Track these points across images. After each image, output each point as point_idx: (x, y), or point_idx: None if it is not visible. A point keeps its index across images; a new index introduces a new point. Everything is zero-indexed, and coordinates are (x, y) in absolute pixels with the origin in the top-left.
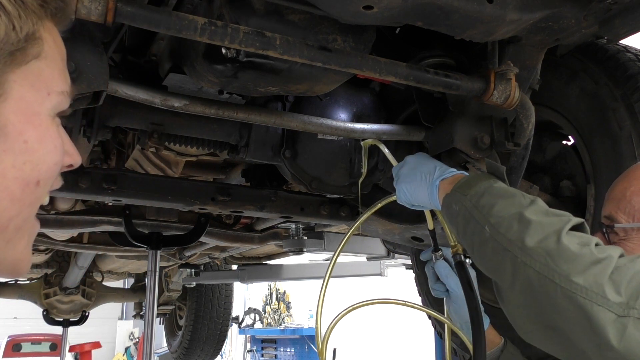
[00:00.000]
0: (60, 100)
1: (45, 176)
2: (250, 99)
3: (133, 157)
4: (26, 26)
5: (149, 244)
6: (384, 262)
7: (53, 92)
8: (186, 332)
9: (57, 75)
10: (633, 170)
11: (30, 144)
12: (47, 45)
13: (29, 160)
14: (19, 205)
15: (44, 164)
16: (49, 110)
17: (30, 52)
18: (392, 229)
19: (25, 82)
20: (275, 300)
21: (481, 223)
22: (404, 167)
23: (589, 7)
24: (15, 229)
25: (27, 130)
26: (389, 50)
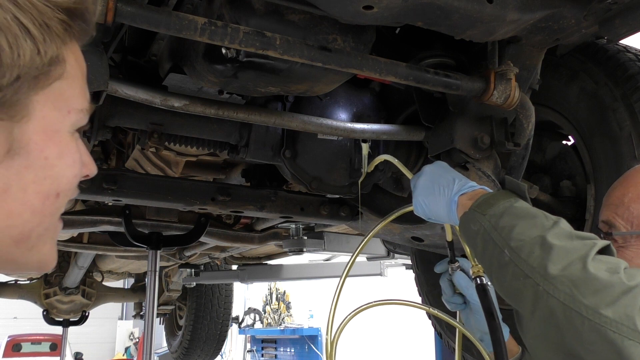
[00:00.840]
0: (80, 117)
1: (64, 188)
2: (250, 99)
3: (133, 157)
4: (50, 50)
5: (149, 244)
6: (384, 262)
7: (73, 110)
8: (186, 332)
9: (78, 93)
10: (631, 176)
11: (51, 160)
12: (69, 65)
13: (49, 175)
14: (39, 216)
15: (63, 177)
16: (68, 127)
17: (53, 75)
18: (392, 229)
19: (47, 102)
20: (275, 300)
21: (500, 246)
22: (421, 178)
23: (589, 7)
24: (37, 237)
25: (48, 147)
26: (389, 50)
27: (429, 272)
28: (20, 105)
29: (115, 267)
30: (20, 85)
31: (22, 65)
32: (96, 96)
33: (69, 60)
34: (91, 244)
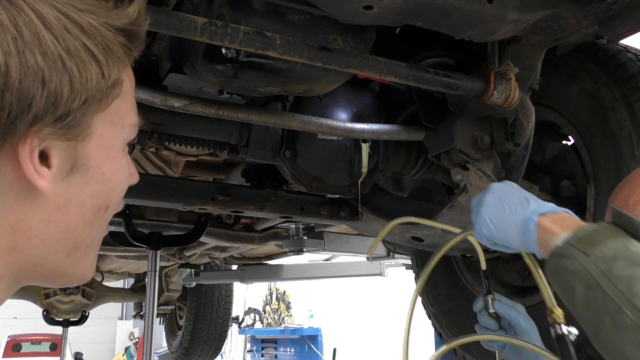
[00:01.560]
0: (132, 131)
1: (114, 202)
2: (250, 99)
3: (133, 157)
4: (113, 73)
5: (149, 244)
6: (384, 262)
7: (126, 126)
8: (186, 332)
9: (130, 108)
10: (635, 177)
11: (107, 175)
12: (126, 85)
13: (104, 189)
14: (90, 228)
15: (115, 192)
16: (122, 143)
17: (113, 95)
18: (392, 228)
19: (106, 120)
20: (275, 300)
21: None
22: (487, 195)
23: (589, 7)
24: (85, 249)
25: (105, 163)
26: (389, 50)
27: None
28: (85, 125)
29: (115, 267)
30: (87, 107)
31: (89, 89)
32: None
33: (126, 81)
34: None
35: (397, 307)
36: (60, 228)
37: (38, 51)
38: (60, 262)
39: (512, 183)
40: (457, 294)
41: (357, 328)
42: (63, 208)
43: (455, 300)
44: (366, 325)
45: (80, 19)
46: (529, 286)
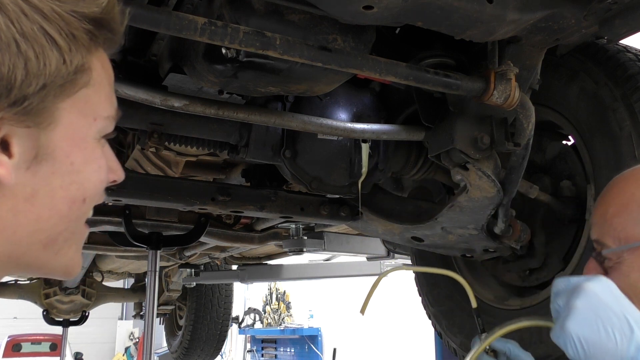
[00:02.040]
0: (107, 124)
1: (91, 193)
2: (250, 99)
3: (133, 157)
4: (76, 59)
5: (149, 244)
6: (384, 262)
7: (99, 117)
8: (186, 332)
9: (104, 100)
10: (610, 189)
11: (77, 166)
12: (95, 73)
13: (75, 180)
14: (66, 221)
15: (89, 183)
16: (95, 134)
17: (79, 82)
18: (392, 229)
19: (73, 109)
20: (275, 300)
21: None
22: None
23: (589, 7)
24: (63, 241)
25: (74, 153)
26: (389, 50)
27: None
28: (47, 112)
29: (115, 267)
30: (47, 93)
31: (48, 74)
32: None
33: (95, 68)
34: (91, 244)
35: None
36: (30, 219)
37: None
38: (36, 255)
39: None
40: (457, 294)
41: (357, 328)
42: (31, 199)
43: (455, 300)
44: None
45: (41, 4)
46: (529, 286)
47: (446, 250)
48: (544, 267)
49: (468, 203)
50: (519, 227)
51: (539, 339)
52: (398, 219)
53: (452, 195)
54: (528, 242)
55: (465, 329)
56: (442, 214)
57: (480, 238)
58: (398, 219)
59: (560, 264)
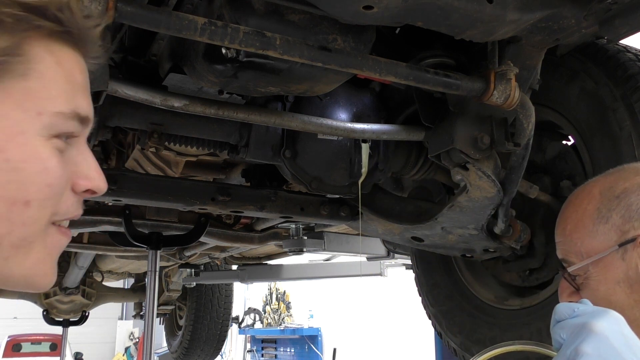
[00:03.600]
0: (59, 121)
1: (36, 197)
2: (250, 99)
3: (133, 157)
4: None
5: (149, 244)
6: (384, 262)
7: (46, 113)
8: (186, 332)
9: (55, 95)
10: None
11: (13, 163)
12: (42, 65)
13: (13, 179)
14: (7, 223)
15: (31, 184)
16: (39, 130)
17: (12, 69)
18: (392, 229)
19: (9, 100)
20: (275, 300)
21: None
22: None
23: (589, 7)
24: (11, 247)
25: (10, 149)
26: (389, 50)
27: (429, 272)
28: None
29: (115, 267)
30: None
31: None
32: (96, 96)
33: (42, 60)
34: (91, 244)
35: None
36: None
37: None
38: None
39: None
40: (457, 294)
41: (357, 328)
42: None
43: (455, 300)
44: (366, 325)
45: None
46: (529, 286)
47: (446, 250)
48: (544, 267)
49: (468, 203)
50: (519, 227)
51: None
52: (398, 219)
53: (452, 195)
54: (528, 242)
55: (466, 329)
56: (442, 214)
57: (480, 238)
58: (398, 219)
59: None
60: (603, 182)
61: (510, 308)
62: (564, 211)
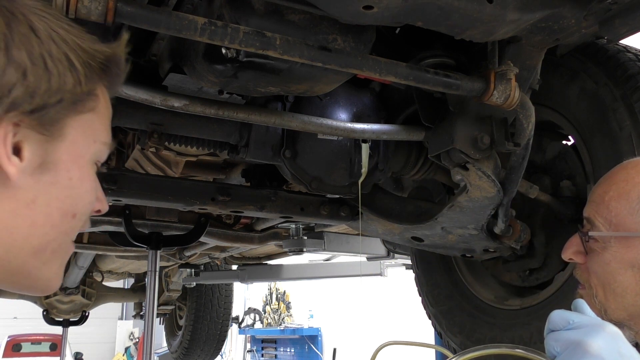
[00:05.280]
0: (102, 149)
1: (81, 211)
2: (250, 99)
3: (133, 157)
4: (89, 85)
5: (149, 244)
6: (384, 262)
7: (98, 141)
8: (186, 332)
9: (104, 128)
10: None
11: (74, 181)
12: (100, 103)
13: (70, 195)
14: (57, 232)
15: (81, 200)
16: (91, 156)
17: (87, 105)
18: (392, 229)
19: (79, 128)
20: (275, 300)
21: None
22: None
23: (589, 7)
24: (51, 252)
25: (73, 169)
26: (389, 50)
27: (429, 272)
28: (58, 125)
29: (115, 267)
30: (61, 107)
31: (65, 90)
32: None
33: (100, 98)
34: (91, 244)
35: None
36: (26, 223)
37: (24, 49)
38: (25, 260)
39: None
40: (457, 294)
41: (357, 328)
42: (31, 204)
43: (455, 300)
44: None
45: (66, 36)
46: (529, 286)
47: (446, 250)
48: (544, 267)
49: (468, 203)
50: (519, 227)
51: None
52: (398, 219)
53: (452, 195)
54: (528, 242)
55: (465, 329)
56: (442, 214)
57: (480, 238)
58: (398, 219)
59: (560, 264)
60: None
61: (510, 308)
62: (614, 175)
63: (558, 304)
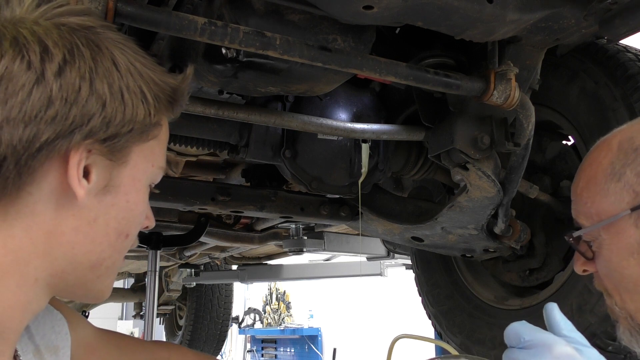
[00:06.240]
0: (158, 173)
1: (133, 232)
2: (250, 99)
3: None
4: (157, 115)
5: (149, 244)
6: (384, 262)
7: (156, 165)
8: (186, 332)
9: (162, 153)
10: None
11: (130, 204)
12: (162, 131)
13: (126, 217)
14: (112, 250)
15: (134, 222)
16: (148, 180)
17: (152, 134)
18: (392, 229)
19: (141, 153)
20: (275, 300)
21: None
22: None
23: (589, 7)
24: (106, 268)
25: (131, 192)
26: (389, 50)
27: (429, 272)
28: (124, 152)
29: None
30: (131, 136)
31: (136, 121)
32: None
33: (163, 127)
34: None
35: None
36: (87, 240)
37: (106, 82)
38: (83, 274)
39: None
40: (457, 294)
41: (357, 328)
42: (93, 222)
43: (455, 300)
44: (366, 325)
45: (142, 69)
46: (528, 286)
47: (446, 250)
48: (544, 267)
49: (468, 203)
50: (519, 227)
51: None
52: (398, 219)
53: (452, 195)
54: (528, 242)
55: (465, 329)
56: (442, 214)
57: (480, 238)
58: (398, 219)
59: (560, 264)
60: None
61: (510, 308)
62: (582, 164)
63: (558, 304)
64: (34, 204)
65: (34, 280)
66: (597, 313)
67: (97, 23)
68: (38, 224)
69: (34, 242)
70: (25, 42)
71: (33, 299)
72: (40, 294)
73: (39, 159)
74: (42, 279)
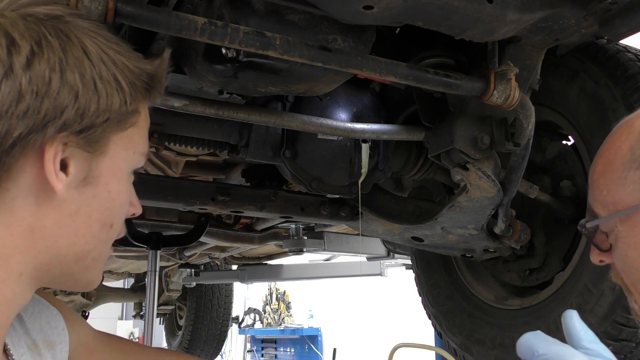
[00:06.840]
0: (139, 159)
1: (117, 221)
2: (250, 99)
3: None
4: (134, 104)
5: (149, 244)
6: (384, 262)
7: (137, 152)
8: (186, 332)
9: (142, 139)
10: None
11: (112, 195)
12: (142, 117)
13: (109, 207)
14: (96, 241)
15: (118, 212)
16: (129, 167)
17: (130, 122)
18: (392, 229)
19: (120, 142)
20: (275, 300)
21: None
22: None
23: (589, 7)
24: (92, 260)
25: (112, 182)
26: (389, 50)
27: (429, 272)
28: (102, 142)
29: (115, 267)
30: (107, 126)
31: (112, 110)
32: None
33: (142, 113)
34: None
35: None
36: (70, 233)
37: (77, 72)
38: (68, 266)
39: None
40: (457, 294)
41: (357, 328)
42: (74, 215)
43: (455, 300)
44: (366, 325)
45: (115, 57)
46: (528, 286)
47: (446, 250)
48: (544, 267)
49: (468, 203)
50: (519, 227)
51: None
52: (398, 219)
53: (452, 195)
54: (528, 242)
55: (465, 329)
56: (442, 214)
57: (480, 238)
58: (398, 219)
59: (560, 264)
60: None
61: (510, 308)
62: (601, 146)
63: (558, 304)
64: (12, 200)
65: (19, 275)
66: (597, 313)
67: (66, 12)
68: (18, 220)
69: (15, 237)
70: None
71: (19, 293)
72: (26, 288)
73: (14, 154)
74: (27, 273)
